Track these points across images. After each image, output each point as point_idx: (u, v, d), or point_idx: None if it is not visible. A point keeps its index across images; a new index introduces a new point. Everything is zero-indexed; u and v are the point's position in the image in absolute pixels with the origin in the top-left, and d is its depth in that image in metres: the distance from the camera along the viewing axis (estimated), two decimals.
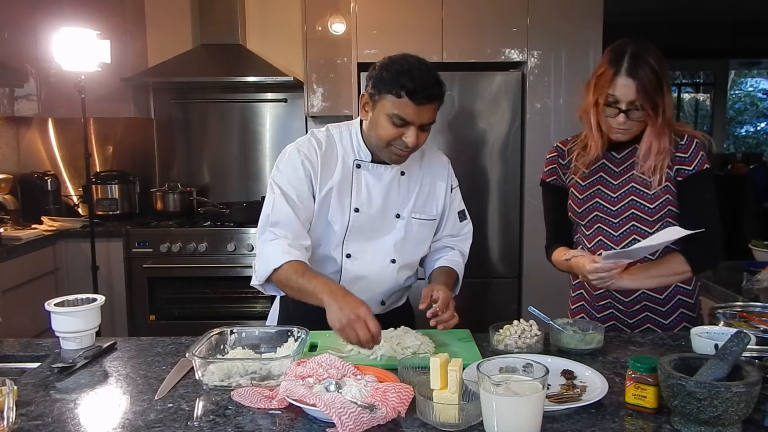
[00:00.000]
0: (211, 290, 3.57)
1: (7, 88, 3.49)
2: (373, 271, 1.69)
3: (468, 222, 1.84)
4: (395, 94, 1.49)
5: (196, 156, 4.15)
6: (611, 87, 1.59)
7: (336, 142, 1.67)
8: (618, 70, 1.58)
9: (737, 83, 10.62)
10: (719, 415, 1.03)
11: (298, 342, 1.41)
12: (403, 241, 1.70)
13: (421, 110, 1.50)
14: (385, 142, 1.56)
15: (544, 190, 1.87)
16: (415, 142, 1.53)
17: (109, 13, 3.64)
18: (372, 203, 1.66)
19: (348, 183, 1.64)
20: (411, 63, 1.53)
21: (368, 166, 1.66)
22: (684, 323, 1.72)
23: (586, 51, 3.35)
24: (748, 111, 10.74)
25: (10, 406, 1.05)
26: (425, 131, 1.56)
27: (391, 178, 1.67)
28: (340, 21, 3.75)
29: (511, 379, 1.09)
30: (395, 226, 1.69)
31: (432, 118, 1.54)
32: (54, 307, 1.51)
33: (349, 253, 1.68)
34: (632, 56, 1.57)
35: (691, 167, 1.64)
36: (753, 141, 10.55)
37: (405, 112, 1.50)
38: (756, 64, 9.91)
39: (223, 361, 1.34)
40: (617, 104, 1.60)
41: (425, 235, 1.74)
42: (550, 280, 3.08)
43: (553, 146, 1.85)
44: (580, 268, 1.62)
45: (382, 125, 1.54)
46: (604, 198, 1.71)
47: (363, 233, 1.67)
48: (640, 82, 1.56)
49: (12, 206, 3.58)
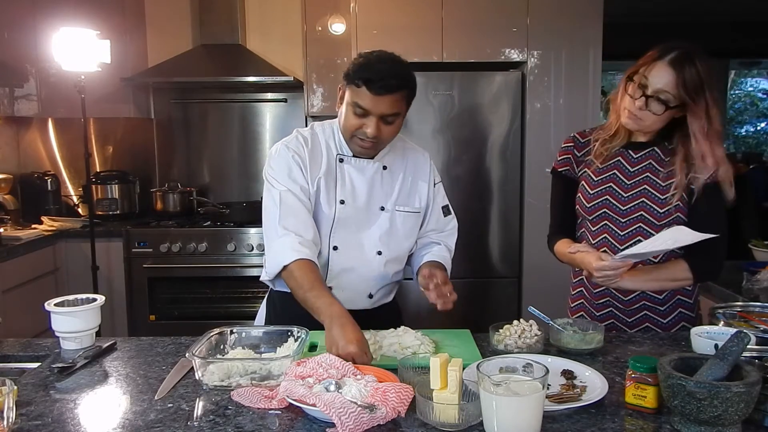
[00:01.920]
0: (211, 290, 3.57)
1: (7, 88, 3.49)
2: (359, 264, 1.71)
3: (453, 217, 1.87)
4: (355, 84, 1.56)
5: (196, 156, 4.15)
6: (648, 69, 1.58)
7: (320, 139, 1.72)
8: (662, 56, 1.57)
9: (737, 83, 10.61)
10: (719, 415, 1.03)
11: (298, 342, 1.41)
12: (389, 233, 1.73)
13: (379, 101, 1.55)
14: (349, 132, 1.62)
15: (555, 178, 1.85)
16: (375, 133, 1.58)
17: (109, 13, 3.64)
18: (356, 196, 1.70)
19: (333, 176, 1.70)
20: (375, 56, 1.59)
21: (351, 161, 1.71)
22: (683, 323, 1.72)
23: (586, 51, 3.35)
24: (748, 111, 10.73)
25: (10, 406, 1.05)
26: (389, 124, 1.59)
27: (373, 172, 1.72)
28: (340, 21, 3.75)
29: (511, 379, 1.09)
30: (380, 218, 1.72)
31: (393, 110, 1.57)
32: (54, 307, 1.51)
33: (336, 245, 1.70)
34: (684, 52, 1.56)
35: (705, 176, 1.62)
36: (753, 141, 10.54)
37: (363, 101, 1.55)
38: (756, 64, 9.90)
39: (223, 361, 1.34)
40: (645, 88, 1.58)
41: (410, 227, 1.77)
42: (550, 280, 3.09)
43: (570, 136, 1.83)
44: (586, 264, 1.62)
45: (346, 116, 1.61)
46: (615, 196, 1.70)
47: (349, 226, 1.70)
48: (679, 75, 1.55)
49: (12, 206, 3.58)
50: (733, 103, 10.52)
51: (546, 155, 3.36)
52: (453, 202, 1.89)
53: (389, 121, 1.59)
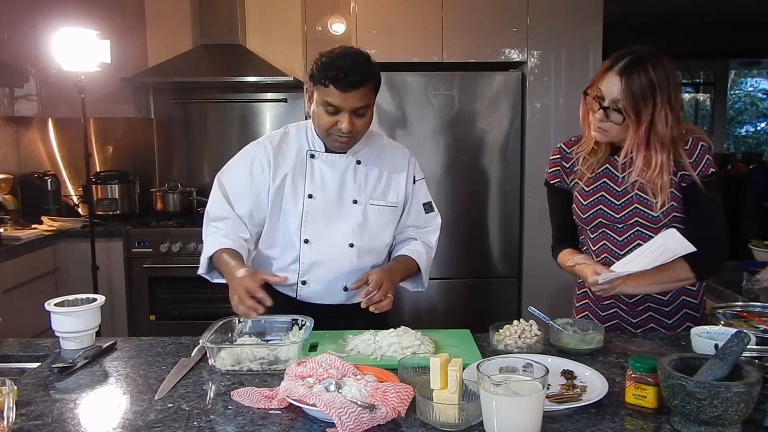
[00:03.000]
0: (211, 290, 3.55)
1: (7, 88, 3.49)
2: (331, 256, 1.74)
3: (436, 215, 1.89)
4: (323, 84, 1.59)
5: (196, 156, 4.15)
6: (601, 81, 1.59)
7: (292, 137, 1.79)
8: (612, 67, 1.58)
9: (737, 83, 10.63)
10: (719, 415, 1.03)
11: (303, 329, 1.49)
12: (362, 226, 1.75)
13: (347, 96, 1.59)
14: (324, 131, 1.67)
15: (549, 191, 1.86)
16: (350, 128, 1.62)
17: (109, 13, 3.63)
18: (326, 189, 1.74)
19: (302, 172, 1.75)
20: (336, 54, 1.61)
21: (322, 156, 1.76)
22: (688, 323, 1.71)
23: (586, 51, 3.35)
24: (748, 111, 10.74)
25: (10, 406, 1.05)
26: (361, 116, 1.64)
27: (345, 166, 1.76)
28: (340, 21, 3.75)
29: (511, 379, 1.09)
30: (352, 211, 1.76)
31: (363, 103, 1.61)
32: (54, 307, 1.51)
33: (307, 238, 1.74)
34: (634, 59, 1.56)
35: (696, 171, 1.61)
36: (753, 141, 10.56)
37: (333, 99, 1.60)
38: (756, 64, 9.91)
39: (233, 347, 1.44)
40: (601, 100, 1.59)
41: (386, 221, 1.79)
42: (550, 280, 3.10)
43: (557, 147, 1.83)
44: (583, 277, 1.62)
45: (319, 115, 1.65)
46: (608, 205, 1.69)
47: (320, 219, 1.74)
48: (627, 84, 1.54)
49: (12, 206, 3.58)
50: (733, 103, 10.52)
51: (546, 155, 3.31)
52: (453, 202, 1.90)
53: (360, 113, 1.63)
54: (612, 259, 1.66)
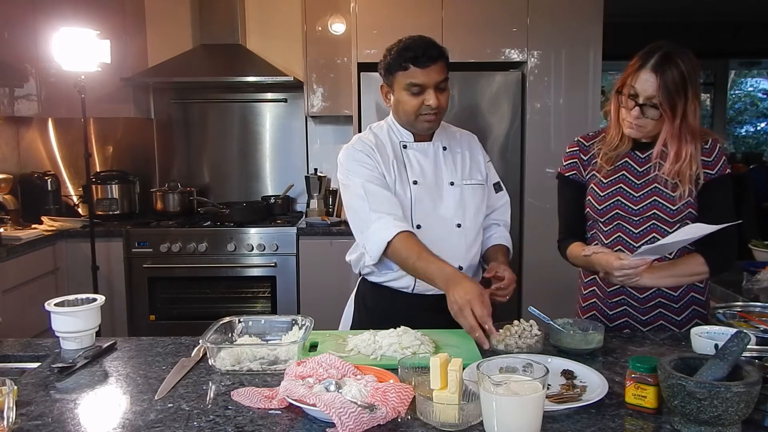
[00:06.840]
0: (211, 290, 3.58)
1: (7, 88, 3.49)
2: (443, 238, 1.78)
3: (504, 193, 1.98)
4: (403, 68, 1.70)
5: (196, 156, 4.15)
6: (634, 79, 1.61)
7: (382, 133, 1.86)
8: (644, 64, 1.60)
9: (737, 83, 10.61)
10: (719, 415, 1.03)
11: (303, 329, 1.49)
12: (463, 206, 1.82)
13: (429, 72, 1.69)
14: (413, 114, 1.75)
15: (561, 183, 1.86)
16: (437, 103, 1.71)
17: (109, 13, 3.64)
18: (426, 175, 1.82)
19: (401, 162, 1.82)
20: (405, 40, 1.73)
21: (413, 145, 1.84)
22: (696, 320, 1.74)
23: (587, 51, 3.35)
24: (748, 111, 10.73)
25: (10, 406, 1.05)
26: (443, 91, 1.73)
27: (435, 152, 1.85)
28: (340, 21, 3.75)
29: (511, 379, 1.08)
30: (451, 193, 1.82)
31: (442, 76, 1.71)
32: (54, 307, 1.51)
33: (419, 224, 1.78)
34: (663, 55, 1.58)
35: (714, 171, 1.66)
36: (753, 141, 10.54)
37: (416, 78, 1.69)
38: (756, 64, 9.90)
39: (233, 347, 1.43)
40: (636, 97, 1.61)
41: (480, 199, 1.87)
42: (550, 280, 3.09)
43: (574, 140, 1.84)
44: (604, 264, 1.62)
45: (404, 100, 1.74)
46: (627, 197, 1.71)
47: (426, 204, 1.80)
48: (662, 80, 1.57)
49: (12, 206, 3.58)
50: (733, 103, 10.52)
51: (546, 155, 3.36)
52: None
53: (442, 87, 1.72)
54: (626, 251, 1.67)
